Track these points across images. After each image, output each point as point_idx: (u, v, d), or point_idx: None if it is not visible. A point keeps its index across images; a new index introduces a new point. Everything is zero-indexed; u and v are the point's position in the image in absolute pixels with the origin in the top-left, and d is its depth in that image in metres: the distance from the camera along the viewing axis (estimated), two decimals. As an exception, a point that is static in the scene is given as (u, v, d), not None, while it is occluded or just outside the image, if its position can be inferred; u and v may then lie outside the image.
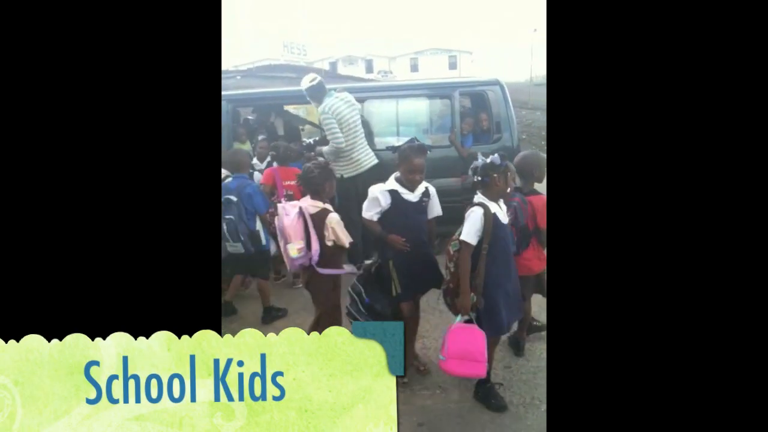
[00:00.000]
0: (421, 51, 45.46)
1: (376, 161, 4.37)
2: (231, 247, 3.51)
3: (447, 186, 3.91)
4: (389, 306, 2.59)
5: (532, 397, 2.58)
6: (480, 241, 2.35)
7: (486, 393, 2.52)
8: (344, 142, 4.19)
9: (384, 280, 2.64)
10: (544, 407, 2.48)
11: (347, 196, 4.23)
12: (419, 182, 2.61)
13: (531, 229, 2.79)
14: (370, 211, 2.64)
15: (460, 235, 2.38)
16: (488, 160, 2.39)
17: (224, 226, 3.45)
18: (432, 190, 2.68)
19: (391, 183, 2.63)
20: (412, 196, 2.61)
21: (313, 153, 4.51)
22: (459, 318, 2.37)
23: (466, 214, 2.39)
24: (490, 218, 2.34)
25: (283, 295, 4.01)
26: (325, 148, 4.31)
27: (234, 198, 3.48)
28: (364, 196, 4.39)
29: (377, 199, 2.61)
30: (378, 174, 4.35)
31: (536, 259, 2.83)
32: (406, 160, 2.56)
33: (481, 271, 2.35)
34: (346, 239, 2.67)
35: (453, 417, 2.47)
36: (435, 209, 2.69)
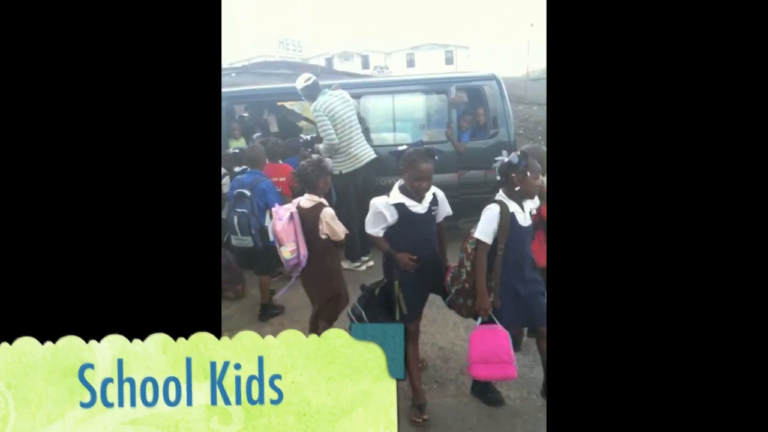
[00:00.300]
0: (417, 46, 45.30)
1: (374, 156, 4.38)
2: (237, 240, 3.52)
3: (444, 182, 3.89)
4: None
5: (529, 392, 2.58)
6: (496, 241, 2.26)
7: (483, 387, 2.51)
8: (336, 139, 4.19)
9: (387, 302, 2.46)
10: (540, 401, 2.49)
11: (346, 191, 4.22)
12: (426, 189, 2.37)
13: (535, 222, 2.77)
14: (375, 227, 2.42)
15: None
16: (506, 159, 2.30)
17: (235, 219, 3.48)
18: (440, 195, 2.48)
19: (396, 195, 2.38)
20: (420, 208, 2.38)
21: (310, 150, 4.50)
22: (480, 320, 2.31)
23: (483, 211, 2.31)
24: (507, 217, 2.25)
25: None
26: (320, 146, 4.31)
27: (248, 192, 3.52)
28: (363, 190, 4.36)
29: (382, 214, 2.37)
30: (376, 168, 4.37)
31: (541, 252, 2.65)
32: (412, 166, 2.31)
33: (497, 272, 2.27)
34: (341, 231, 2.70)
35: (450, 411, 2.47)
36: (444, 211, 2.52)
